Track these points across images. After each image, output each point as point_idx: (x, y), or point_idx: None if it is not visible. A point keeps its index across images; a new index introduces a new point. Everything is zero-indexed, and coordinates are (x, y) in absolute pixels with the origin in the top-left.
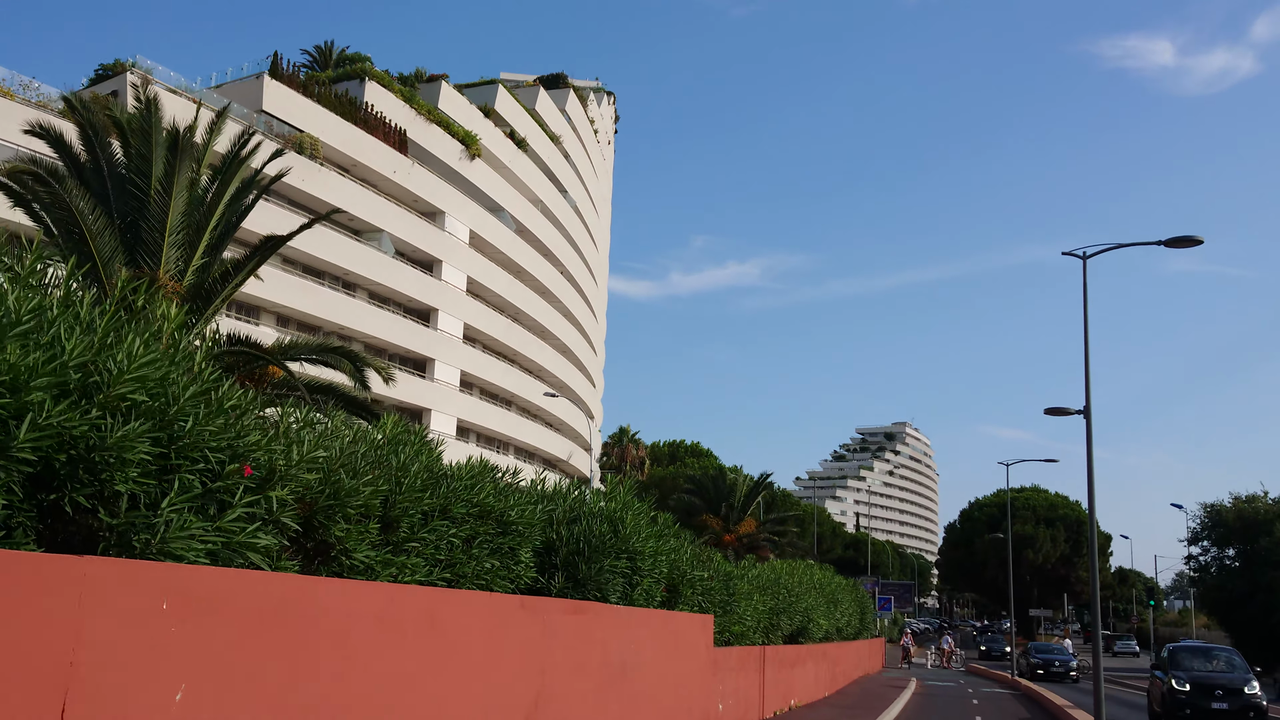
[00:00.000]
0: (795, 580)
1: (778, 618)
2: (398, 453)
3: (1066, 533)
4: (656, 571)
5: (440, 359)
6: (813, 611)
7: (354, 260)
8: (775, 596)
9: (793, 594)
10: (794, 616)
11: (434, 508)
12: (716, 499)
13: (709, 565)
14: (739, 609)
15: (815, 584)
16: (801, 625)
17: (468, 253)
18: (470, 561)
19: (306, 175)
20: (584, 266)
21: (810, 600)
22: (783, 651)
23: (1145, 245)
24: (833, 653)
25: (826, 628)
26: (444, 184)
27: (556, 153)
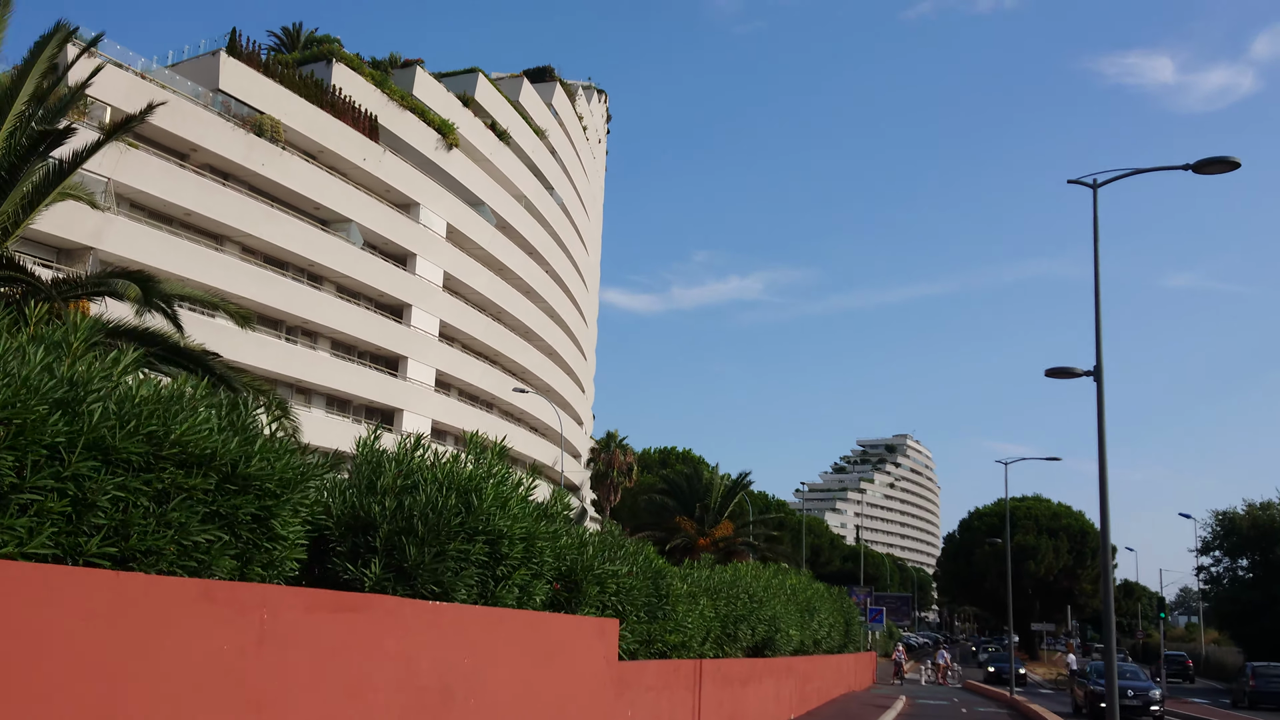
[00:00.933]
0: (760, 585)
1: (735, 626)
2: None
3: (1070, 543)
4: (537, 562)
5: (414, 357)
6: (781, 621)
7: (320, 251)
8: (731, 602)
9: (755, 600)
10: (757, 626)
11: (73, 436)
12: (689, 499)
13: (632, 559)
14: (676, 614)
15: (787, 590)
16: (767, 636)
17: (445, 247)
18: (162, 530)
19: (267, 159)
20: (573, 268)
21: (779, 608)
22: (729, 666)
23: (1168, 170)
24: (803, 668)
25: (800, 639)
26: (419, 174)
27: (542, 148)
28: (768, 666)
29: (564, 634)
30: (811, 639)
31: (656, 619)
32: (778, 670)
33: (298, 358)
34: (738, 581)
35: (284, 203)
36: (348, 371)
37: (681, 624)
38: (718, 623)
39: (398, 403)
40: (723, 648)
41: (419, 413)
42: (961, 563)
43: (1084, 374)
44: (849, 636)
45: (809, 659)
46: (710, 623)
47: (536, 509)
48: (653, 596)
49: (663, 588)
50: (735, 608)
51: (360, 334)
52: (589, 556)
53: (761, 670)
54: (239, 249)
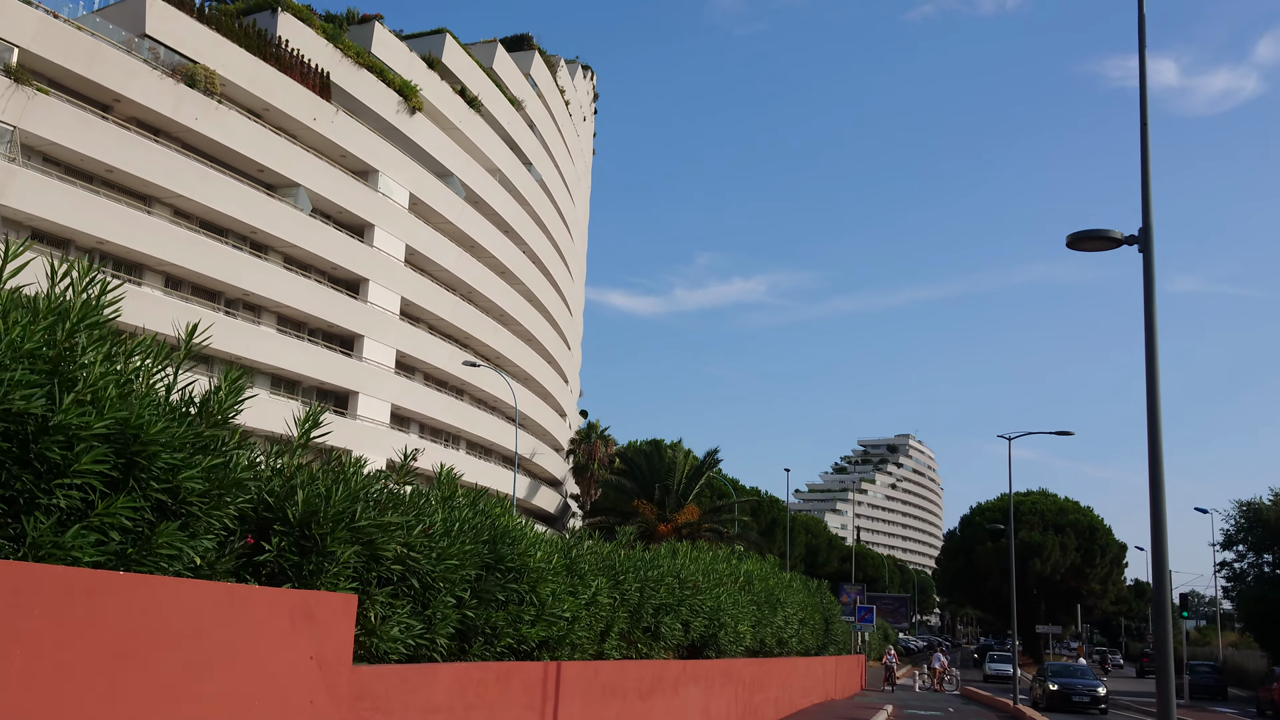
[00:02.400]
0: (698, 568)
1: (656, 618)
2: None
3: (1078, 540)
4: (159, 481)
5: (371, 336)
6: (727, 614)
7: (265, 217)
8: (650, 587)
9: (687, 586)
10: (694, 620)
11: None
12: (648, 480)
13: (448, 512)
14: (539, 598)
15: (740, 577)
16: (707, 632)
17: (407, 219)
18: None
19: (201, 113)
20: (554, 252)
21: (724, 598)
22: (615, 671)
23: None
24: (751, 673)
25: (758, 638)
26: (377, 139)
27: (518, 119)
28: (691, 671)
29: (211, 616)
30: (775, 638)
31: (501, 603)
32: (708, 676)
33: (238, 332)
34: (658, 561)
35: (223, 163)
36: (296, 350)
37: (552, 612)
38: (625, 613)
39: (353, 385)
40: (636, 646)
41: (377, 396)
42: (962, 561)
43: (1125, 240)
44: (829, 636)
45: (763, 662)
46: (611, 613)
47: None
48: (492, 570)
49: (507, 558)
50: (655, 594)
51: (310, 309)
52: (339, 498)
53: (684, 676)
54: (170, 211)
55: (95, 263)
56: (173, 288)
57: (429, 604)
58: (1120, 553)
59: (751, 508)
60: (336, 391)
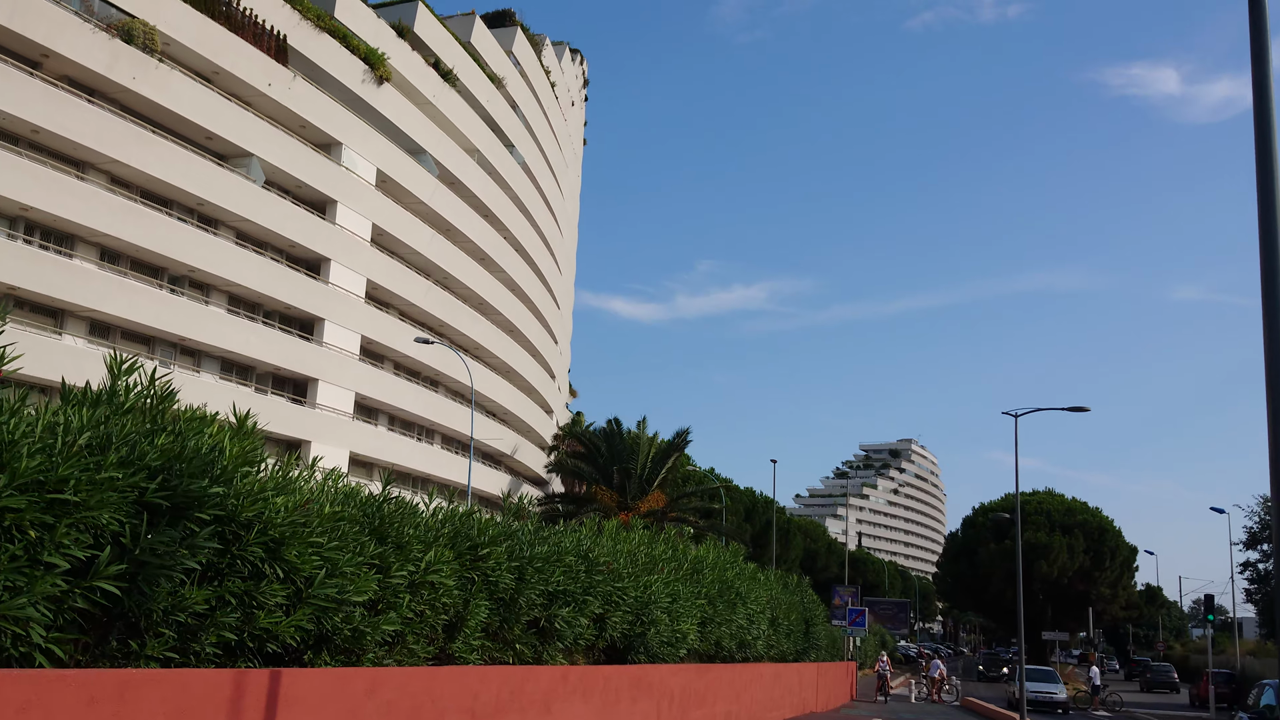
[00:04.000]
0: (620, 549)
1: (550, 610)
2: None
3: (1086, 541)
4: None
5: (333, 320)
6: (660, 608)
7: (213, 189)
8: (524, 567)
9: (598, 571)
10: (613, 614)
11: None
12: (606, 464)
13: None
14: (296, 568)
15: (685, 564)
16: (632, 631)
17: (374, 196)
18: None
19: (139, 72)
20: (540, 242)
21: (657, 588)
22: (420, 683)
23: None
24: (683, 682)
25: (708, 639)
26: (341, 109)
27: (498, 98)
28: (580, 681)
29: None
30: (734, 640)
31: (214, 575)
32: (610, 687)
33: (182, 312)
34: (549, 536)
35: (166, 128)
36: (248, 332)
37: (323, 593)
38: (486, 602)
39: (312, 371)
40: (514, 648)
41: (339, 384)
42: (964, 563)
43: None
44: (810, 640)
45: (705, 669)
46: (462, 600)
47: None
48: (174, 515)
49: (202, 495)
50: (545, 579)
51: (266, 289)
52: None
53: (554, 688)
54: (106, 178)
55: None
56: (109, 260)
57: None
58: (1131, 556)
59: (745, 509)
60: (294, 378)
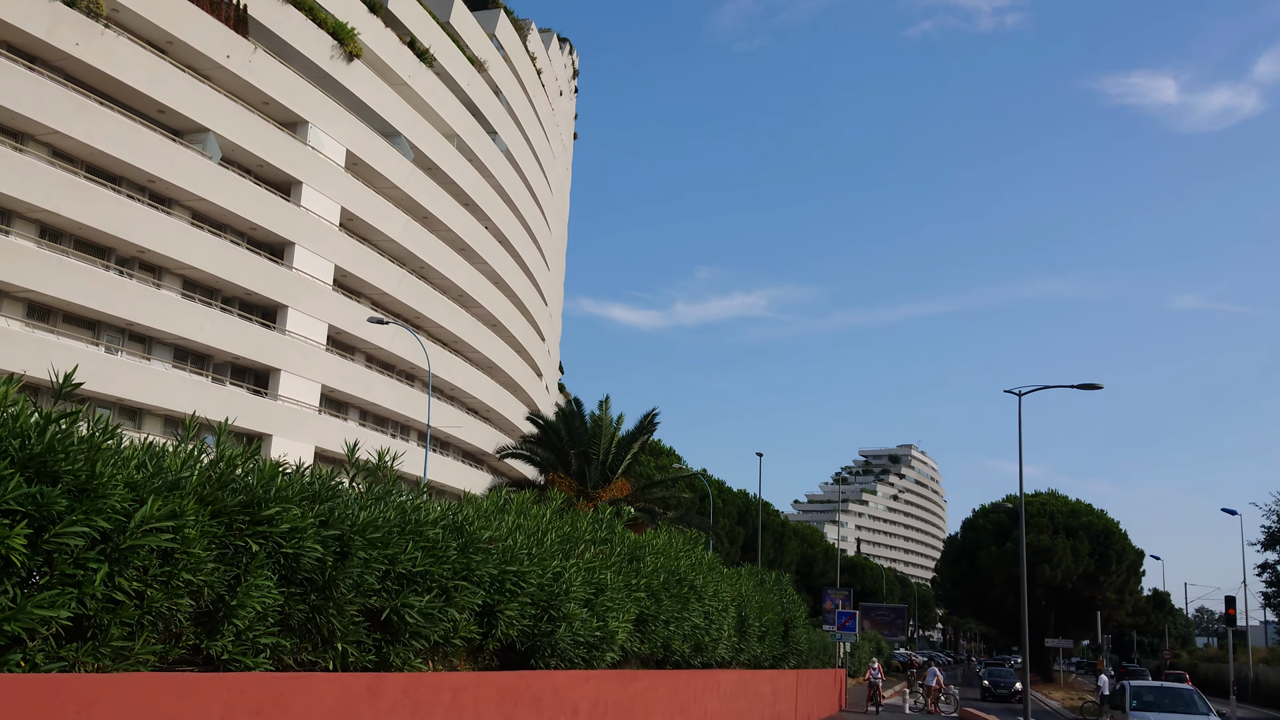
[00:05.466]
0: (524, 525)
1: (400, 600)
2: None
3: (1091, 544)
4: None
5: (297, 307)
6: (575, 600)
7: (166, 165)
8: (348, 537)
9: (476, 549)
10: (507, 606)
11: None
12: (563, 450)
13: None
14: None
15: (622, 548)
16: (536, 630)
17: (342, 178)
18: None
19: (83, 38)
20: (526, 234)
21: (571, 575)
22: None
23: None
24: (590, 693)
25: (651, 640)
26: (307, 85)
27: (480, 82)
28: (369, 694)
29: None
30: (688, 642)
31: None
32: (449, 703)
33: (131, 294)
34: (398, 500)
35: (115, 100)
36: (204, 318)
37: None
38: (265, 581)
39: (274, 361)
40: (334, 646)
41: (303, 375)
42: (964, 567)
43: None
44: (790, 644)
45: (632, 677)
46: (212, 576)
47: None
48: None
49: None
50: (385, 553)
51: (224, 273)
52: None
53: (331, 707)
54: (48, 151)
55: None
56: (50, 239)
57: None
58: (1138, 560)
59: (738, 512)
60: (255, 368)
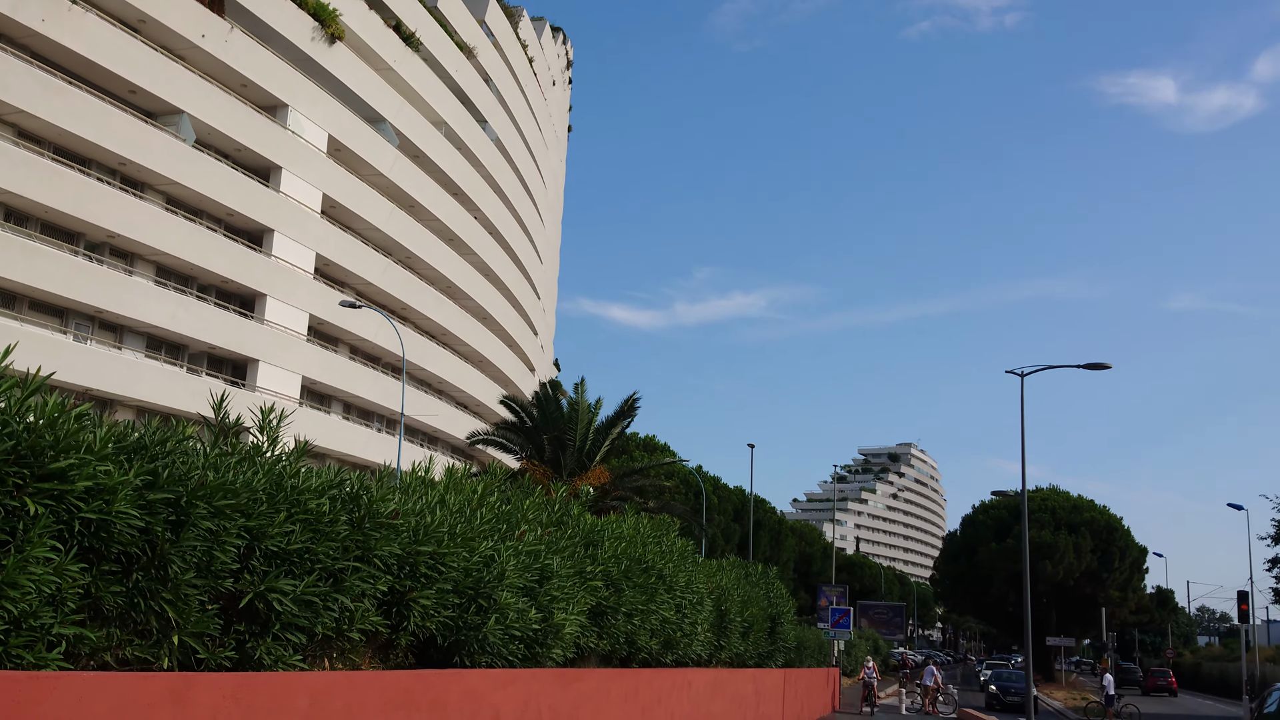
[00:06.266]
0: (452, 500)
1: (267, 583)
2: None
3: (1093, 540)
4: None
5: (276, 296)
6: (509, 589)
7: (138, 148)
8: (175, 501)
9: (378, 525)
10: (422, 594)
11: None
12: (535, 435)
13: None
14: None
15: (578, 532)
16: (461, 622)
17: (324, 164)
18: None
19: (49, 14)
20: (517, 226)
21: (506, 559)
22: None
23: None
24: (516, 697)
25: (607, 635)
26: (287, 68)
27: (468, 68)
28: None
29: None
30: (657, 638)
31: None
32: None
33: (100, 281)
34: (265, 461)
35: (84, 79)
36: (178, 306)
37: None
38: (66, 563)
39: (252, 352)
40: (170, 639)
41: (283, 366)
42: (964, 564)
43: None
44: (776, 641)
45: (578, 676)
46: None
47: None
48: None
49: None
50: (249, 525)
51: (199, 260)
52: None
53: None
54: (13, 132)
55: None
56: (15, 223)
57: None
58: (1141, 557)
59: (734, 509)
60: (232, 358)
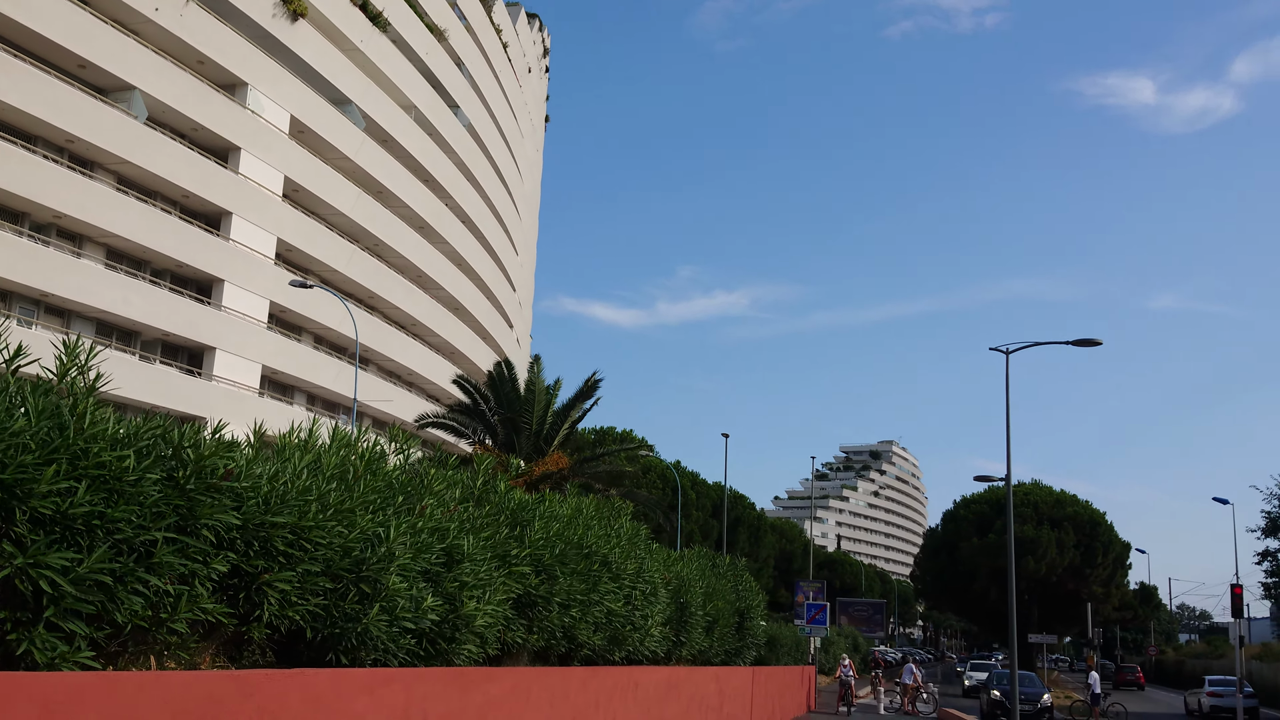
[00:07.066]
0: (326, 463)
1: (29, 560)
2: None
3: (1077, 535)
4: None
5: (234, 281)
6: (396, 572)
7: (87, 125)
8: None
9: (206, 487)
10: (278, 576)
11: None
12: (485, 417)
13: None
14: None
15: (501, 510)
16: (336, 613)
17: (286, 145)
18: None
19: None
20: (491, 216)
21: (394, 537)
22: None
23: None
24: (391, 702)
25: (537, 629)
26: (246, 44)
27: (439, 51)
28: None
29: None
30: (600, 633)
31: None
32: None
33: (46, 263)
34: (41, 406)
35: (29, 52)
36: (129, 290)
37: None
38: None
39: (209, 339)
40: None
41: (241, 354)
42: (944, 560)
43: None
44: (743, 637)
45: (486, 676)
46: None
47: None
48: None
49: None
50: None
51: (153, 244)
52: None
53: None
54: None
55: None
56: None
57: None
58: (1124, 552)
59: (713, 505)
60: (188, 346)
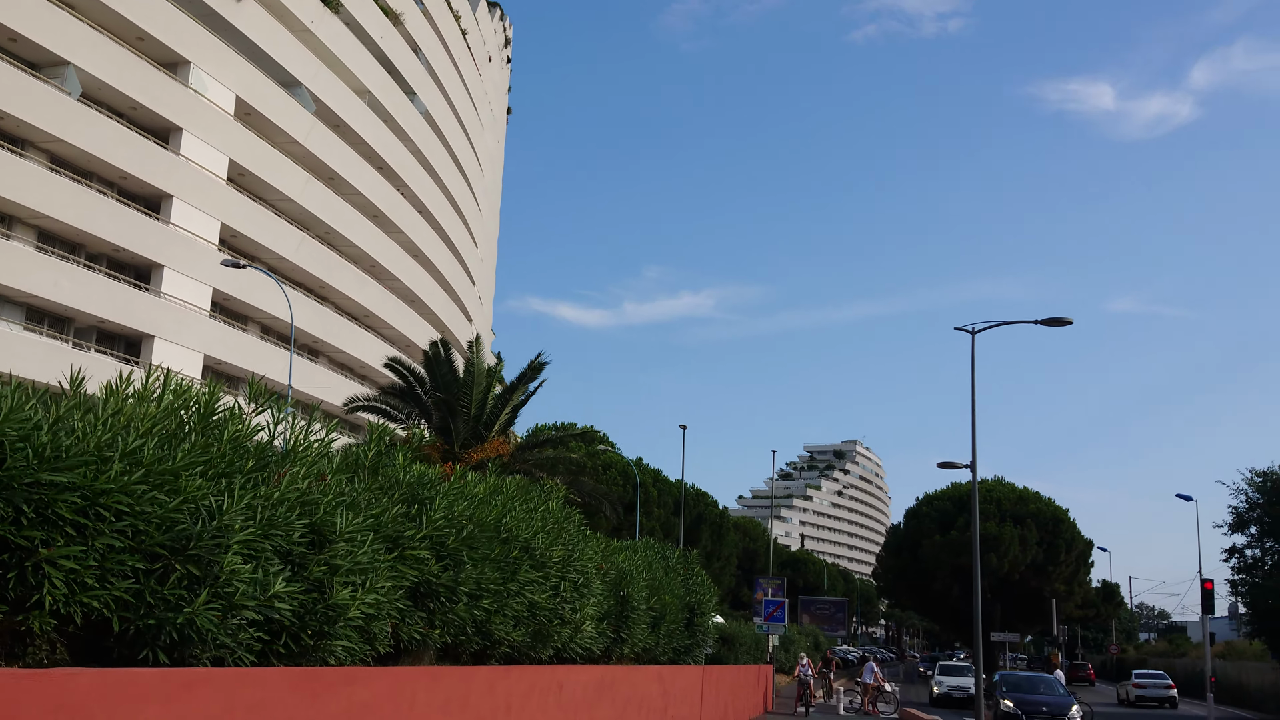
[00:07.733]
0: (120, 412)
1: None
2: None
3: (1039, 533)
4: None
5: (175, 267)
6: (237, 556)
7: (16, 100)
8: None
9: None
10: (69, 552)
11: None
12: (420, 400)
13: None
14: None
15: (393, 485)
16: (152, 601)
17: (231, 127)
18: None
19: None
20: (449, 207)
21: (232, 509)
22: None
23: None
24: (206, 708)
25: (442, 624)
26: (188, 20)
27: (395, 36)
28: None
29: None
30: (522, 628)
31: None
32: None
33: None
34: None
35: None
36: (62, 274)
37: None
38: None
39: (148, 327)
40: None
41: (182, 343)
42: (907, 558)
43: None
44: (694, 634)
45: (347, 677)
46: None
47: None
48: None
49: None
50: None
51: (88, 226)
52: None
53: None
54: None
55: None
56: None
57: None
58: (1087, 550)
59: (674, 502)
60: (125, 334)
